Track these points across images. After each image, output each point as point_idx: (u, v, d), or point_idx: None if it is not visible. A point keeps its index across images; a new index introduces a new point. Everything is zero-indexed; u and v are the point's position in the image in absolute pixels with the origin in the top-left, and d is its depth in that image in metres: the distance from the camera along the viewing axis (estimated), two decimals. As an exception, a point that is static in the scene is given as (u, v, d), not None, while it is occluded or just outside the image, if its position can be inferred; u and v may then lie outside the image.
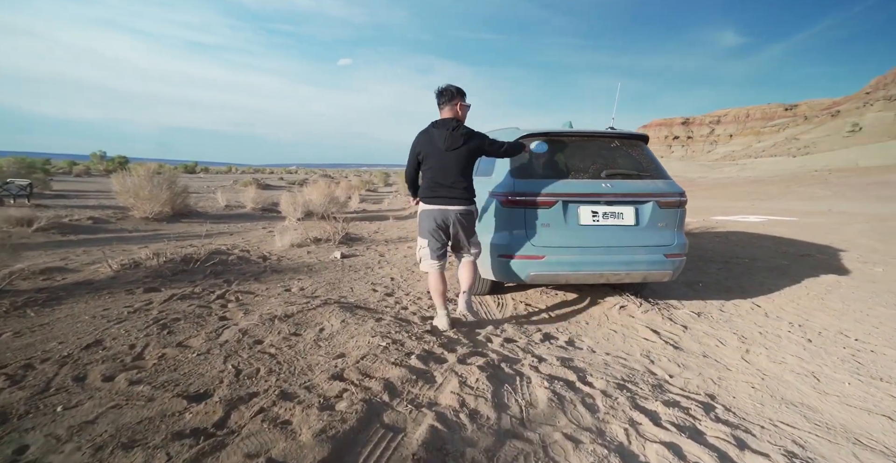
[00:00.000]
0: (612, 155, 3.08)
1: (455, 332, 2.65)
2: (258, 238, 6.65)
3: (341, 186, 15.08)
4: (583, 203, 2.87)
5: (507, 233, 2.96)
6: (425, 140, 2.59)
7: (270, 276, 4.25)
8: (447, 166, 2.53)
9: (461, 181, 2.56)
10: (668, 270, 2.88)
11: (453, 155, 2.52)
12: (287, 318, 2.74)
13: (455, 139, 2.51)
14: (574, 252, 2.84)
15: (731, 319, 3.01)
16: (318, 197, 9.48)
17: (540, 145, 3.12)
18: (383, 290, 3.83)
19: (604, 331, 2.83)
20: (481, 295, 3.68)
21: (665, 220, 2.89)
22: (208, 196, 13.93)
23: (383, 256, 5.53)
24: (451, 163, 2.53)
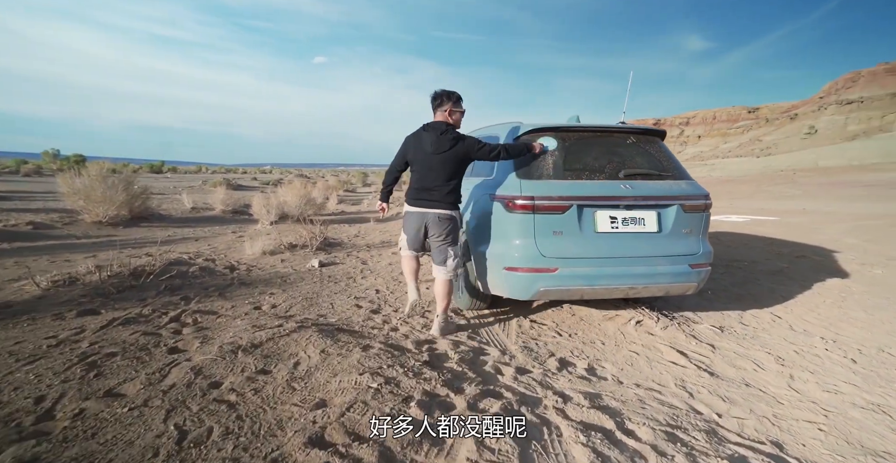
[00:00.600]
0: (628, 153, 2.75)
1: (459, 361, 2.24)
2: (226, 244, 6.05)
3: (318, 187, 14.42)
4: (600, 207, 2.52)
5: (512, 242, 2.58)
6: (414, 142, 2.60)
7: (238, 290, 3.73)
8: (432, 170, 2.54)
9: (444, 186, 2.55)
10: (693, 283, 2.58)
11: (439, 159, 2.51)
12: (254, 348, 2.27)
13: (442, 143, 2.50)
14: (590, 263, 2.49)
15: (756, 335, 2.74)
16: (294, 198, 8.88)
17: (548, 142, 2.75)
18: (368, 305, 3.38)
19: (624, 353, 2.49)
20: (480, 310, 3.29)
21: (690, 226, 2.58)
22: (174, 197, 13.02)
23: (366, 263, 5.06)
24: (437, 166, 2.53)
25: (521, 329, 2.92)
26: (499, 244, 2.69)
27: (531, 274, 2.52)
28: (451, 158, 2.51)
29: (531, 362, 2.32)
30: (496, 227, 2.73)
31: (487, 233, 2.83)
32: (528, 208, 2.53)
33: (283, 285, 3.97)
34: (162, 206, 9.92)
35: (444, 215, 2.59)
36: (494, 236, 2.74)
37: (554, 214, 2.52)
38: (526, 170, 2.68)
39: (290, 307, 3.29)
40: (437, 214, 2.58)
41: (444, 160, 2.51)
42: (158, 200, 11.08)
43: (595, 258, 2.50)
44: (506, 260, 2.61)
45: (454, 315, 3.15)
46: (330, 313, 3.18)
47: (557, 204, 2.50)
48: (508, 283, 2.62)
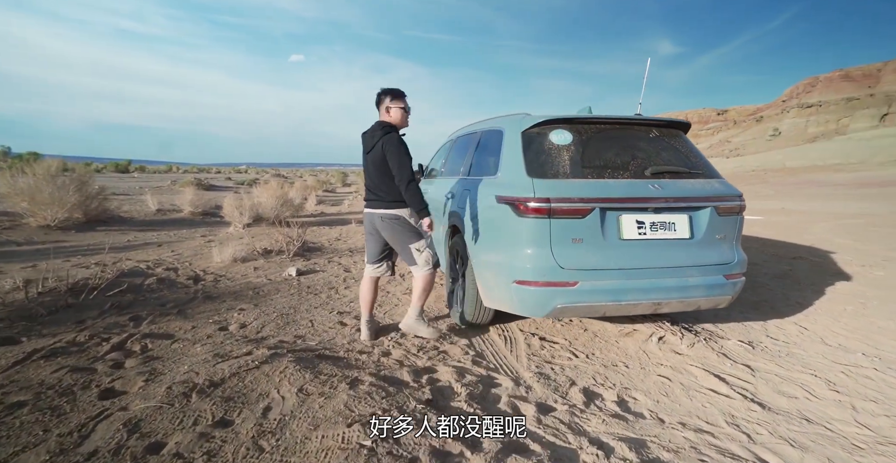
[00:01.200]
0: (653, 148, 2.43)
1: (468, 398, 1.86)
2: (193, 250, 5.48)
3: (296, 187, 13.76)
4: (626, 211, 2.18)
5: (523, 251, 2.22)
6: (362, 142, 2.61)
7: (201, 306, 3.23)
8: (369, 169, 2.55)
9: (380, 185, 2.51)
10: (728, 295, 2.28)
11: (369, 158, 2.51)
12: (214, 387, 1.82)
13: (368, 143, 2.52)
14: (615, 276, 2.15)
15: (791, 352, 2.47)
16: (269, 199, 8.29)
17: (562, 135, 2.40)
18: (354, 322, 2.96)
19: (654, 379, 2.16)
20: (482, 324, 2.92)
21: (724, 231, 2.28)
22: (138, 199, 12.13)
23: (349, 270, 4.62)
24: (370, 166, 2.53)
25: (530, 349, 2.56)
26: (507, 253, 2.33)
27: (547, 289, 2.16)
28: (377, 157, 2.47)
29: (552, 395, 1.96)
30: (503, 233, 2.36)
31: (492, 240, 2.46)
32: (542, 212, 2.17)
33: (255, 299, 3.49)
34: (122, 208, 9.13)
35: (386, 215, 2.51)
36: (501, 244, 2.38)
37: (573, 219, 2.16)
38: (538, 167, 2.32)
39: (262, 327, 2.83)
40: (380, 215, 2.53)
41: (373, 160, 2.49)
42: (120, 202, 10.25)
43: (620, 270, 2.16)
44: (515, 272, 2.25)
45: (436, 322, 2.77)
46: (310, 334, 2.73)
47: (577, 207, 2.15)
48: (519, 298, 2.26)
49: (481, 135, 3.22)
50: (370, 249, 2.69)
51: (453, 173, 3.60)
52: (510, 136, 2.61)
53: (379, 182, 2.50)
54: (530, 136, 2.47)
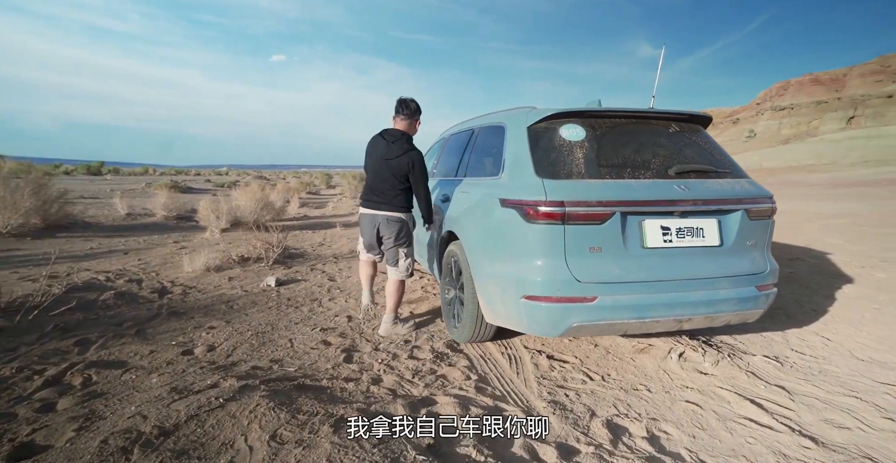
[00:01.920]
0: (674, 144, 2.18)
1: (476, 441, 1.56)
2: (162, 258, 5.03)
3: (278, 189, 13.25)
4: (649, 215, 1.93)
5: (533, 262, 1.95)
6: (371, 146, 2.69)
7: (165, 324, 2.85)
8: (381, 174, 2.62)
9: (392, 190, 2.62)
10: (761, 309, 2.05)
11: (387, 165, 2.59)
12: (165, 436, 1.48)
13: (392, 150, 2.59)
14: (638, 290, 1.89)
15: (824, 369, 2.25)
16: (248, 202, 7.84)
17: (574, 130, 2.14)
18: (339, 342, 2.63)
19: (682, 407, 1.90)
20: (482, 342, 2.63)
21: (755, 237, 2.05)
22: (108, 202, 11.46)
23: (333, 279, 4.27)
24: (385, 172, 2.61)
25: (538, 370, 2.28)
26: (513, 264, 2.04)
27: (561, 305, 1.89)
28: (397, 166, 2.57)
29: (572, 432, 1.68)
30: (509, 241, 2.08)
31: (496, 249, 2.17)
32: (555, 217, 1.89)
33: (228, 314, 3.12)
34: (88, 212, 8.54)
35: (392, 217, 2.65)
36: (507, 254, 2.09)
37: (591, 225, 1.90)
38: (549, 166, 2.04)
39: (233, 349, 2.47)
40: (386, 216, 2.65)
41: (392, 167, 2.58)
42: (86, 206, 9.63)
43: (644, 283, 1.90)
44: (524, 286, 1.97)
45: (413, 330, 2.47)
46: (288, 356, 2.40)
47: (596, 211, 1.88)
48: (529, 316, 1.97)
49: (478, 132, 2.94)
50: (367, 242, 2.84)
51: (447, 174, 3.31)
52: (514, 132, 2.33)
53: (390, 187, 2.62)
54: (537, 132, 2.20)
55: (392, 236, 2.66)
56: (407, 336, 2.72)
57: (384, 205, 2.63)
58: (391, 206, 2.63)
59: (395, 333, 2.74)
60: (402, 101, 2.66)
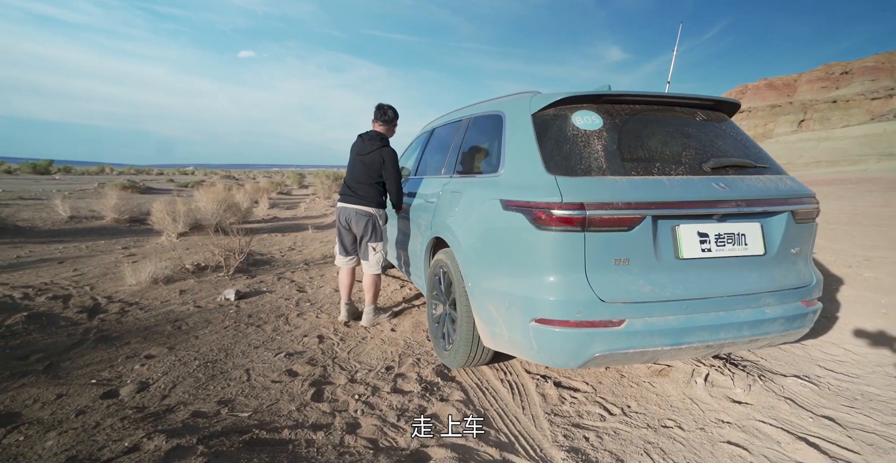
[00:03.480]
0: (704, 134, 1.87)
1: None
2: (103, 268, 4.39)
3: (246, 189, 12.45)
4: (684, 219, 1.60)
5: (544, 277, 1.59)
6: (354, 144, 2.84)
7: (89, 354, 2.32)
8: (356, 169, 2.77)
9: (363, 184, 2.75)
10: (807, 327, 1.76)
11: (360, 160, 2.75)
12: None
13: (365, 147, 2.74)
14: (674, 310, 1.56)
15: (865, 392, 2.00)
16: (210, 203, 7.17)
17: (589, 118, 1.79)
18: (308, 371, 2.19)
19: (726, 450, 1.59)
20: (478, 366, 2.26)
21: (799, 243, 1.76)
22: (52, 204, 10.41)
23: (303, 289, 3.79)
24: (360, 167, 2.76)
25: (547, 402, 1.92)
26: (520, 280, 1.68)
27: (581, 331, 1.53)
28: (370, 161, 2.73)
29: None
30: (514, 251, 1.71)
31: (497, 260, 1.80)
32: (574, 222, 1.54)
33: (172, 338, 2.61)
34: (21, 215, 7.62)
35: (361, 211, 2.75)
36: (511, 266, 1.72)
37: (616, 232, 1.55)
38: (562, 160, 1.68)
39: (171, 387, 1.99)
40: (356, 210, 2.75)
41: (365, 162, 2.73)
42: (20, 208, 8.64)
43: (680, 301, 1.57)
44: (534, 307, 1.61)
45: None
46: (242, 395, 1.94)
47: (623, 215, 1.53)
48: (541, 344, 1.61)
49: (469, 123, 2.56)
50: (342, 244, 2.89)
51: (432, 172, 2.92)
52: (516, 121, 1.97)
53: (363, 182, 2.75)
54: (545, 121, 1.84)
55: (360, 229, 2.77)
56: (386, 320, 2.95)
57: (355, 198, 2.75)
58: (362, 201, 2.74)
59: (378, 322, 2.93)
60: (380, 107, 2.80)
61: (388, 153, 2.75)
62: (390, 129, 2.85)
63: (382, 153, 2.72)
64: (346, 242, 2.88)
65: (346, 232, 2.84)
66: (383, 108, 2.79)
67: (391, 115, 2.81)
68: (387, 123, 2.81)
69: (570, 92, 1.83)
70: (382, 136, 2.79)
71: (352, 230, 2.81)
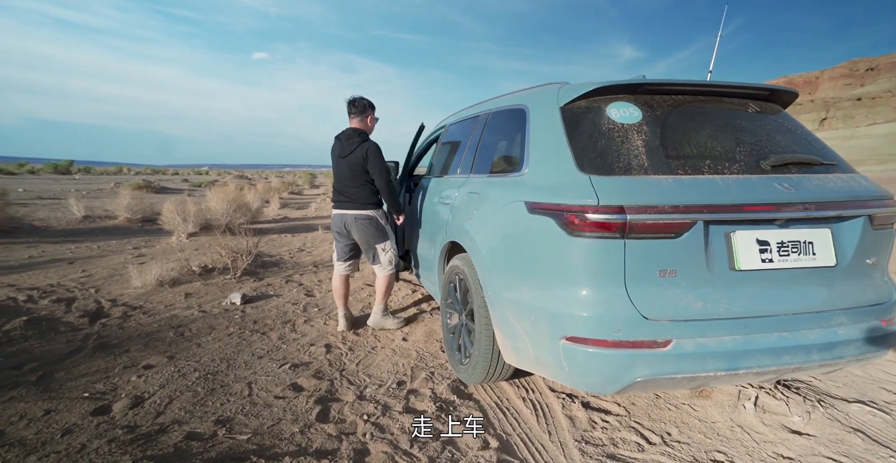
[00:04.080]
0: (759, 128, 1.65)
1: None
2: (111, 269, 4.32)
3: (258, 189, 12.47)
4: (741, 225, 1.39)
5: (577, 291, 1.40)
6: (332, 148, 2.69)
7: (85, 363, 2.20)
8: (341, 172, 2.63)
9: (353, 187, 2.60)
10: (886, 351, 1.53)
11: (345, 162, 2.60)
12: None
13: (345, 147, 2.59)
14: (730, 329, 1.35)
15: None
16: (220, 203, 7.12)
17: (627, 110, 1.59)
18: (314, 386, 2.03)
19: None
20: (497, 381, 2.07)
21: (876, 253, 1.53)
22: (68, 203, 10.53)
23: (311, 293, 3.65)
24: (345, 169, 2.61)
25: (576, 428, 1.72)
26: (548, 292, 1.49)
27: (621, 353, 1.33)
28: (354, 161, 2.57)
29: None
30: (542, 260, 1.52)
31: (521, 269, 1.61)
32: (611, 228, 1.34)
33: (173, 346, 2.48)
34: (37, 214, 7.68)
35: (360, 215, 2.62)
36: (538, 276, 1.53)
37: (662, 239, 1.35)
38: (597, 158, 1.49)
39: (167, 403, 1.85)
40: (353, 215, 2.62)
41: (350, 163, 2.58)
42: (36, 207, 8.73)
43: (737, 319, 1.36)
44: (565, 323, 1.41)
45: (460, 403, 1.89)
46: (242, 413, 1.78)
47: (670, 220, 1.33)
48: (573, 365, 1.42)
49: (488, 119, 2.38)
50: (340, 250, 2.78)
51: (447, 172, 2.74)
52: (542, 114, 1.77)
53: (352, 184, 2.59)
54: (576, 114, 1.65)
55: (362, 235, 2.64)
56: (392, 327, 2.78)
57: (349, 203, 2.62)
58: (357, 205, 2.62)
59: (384, 326, 2.80)
60: (350, 100, 2.66)
61: (370, 148, 2.55)
62: (364, 121, 2.65)
63: (365, 149, 2.54)
64: (343, 249, 2.76)
65: (343, 238, 2.71)
66: (353, 100, 2.63)
67: (361, 104, 2.62)
68: (359, 114, 2.62)
69: (604, 81, 1.63)
70: (360, 131, 2.61)
71: (351, 236, 2.69)
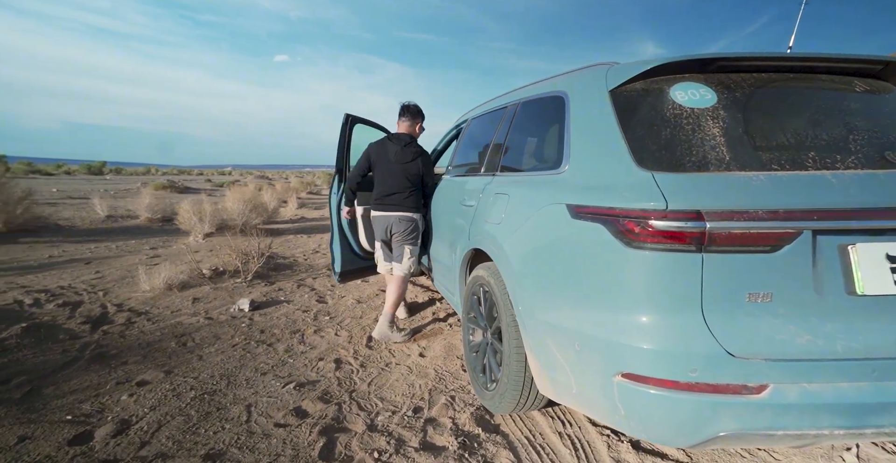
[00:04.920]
0: (873, 111, 1.31)
1: None
2: (124, 271, 4.24)
3: (276, 189, 12.50)
4: (863, 235, 1.07)
5: (641, 317, 1.11)
6: (380, 150, 2.69)
7: (78, 378, 2.03)
8: (394, 176, 2.65)
9: (404, 192, 2.66)
10: None
11: (400, 168, 2.65)
12: None
13: (406, 154, 2.66)
14: (852, 373, 1.03)
15: None
16: (235, 203, 7.05)
17: (697, 91, 1.29)
18: (319, 412, 1.80)
19: None
20: (529, 411, 1.80)
21: None
22: (92, 203, 10.76)
23: (323, 300, 3.45)
24: (399, 174, 2.65)
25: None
26: (597, 315, 1.20)
27: (699, 399, 1.04)
28: (413, 169, 2.66)
29: None
30: (588, 276, 1.23)
31: (562, 285, 1.33)
32: (685, 239, 1.05)
33: (174, 358, 2.30)
34: (62, 214, 7.80)
35: (404, 217, 2.66)
36: (584, 296, 1.25)
37: (754, 254, 1.04)
38: (661, 151, 1.19)
39: (155, 429, 1.64)
40: (398, 216, 2.66)
41: (407, 170, 2.64)
42: (65, 207, 8.91)
43: (863, 360, 1.04)
44: (621, 356, 1.13)
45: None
46: (234, 448, 1.56)
47: (765, 228, 1.03)
48: (631, 409, 1.13)
49: (517, 110, 2.09)
50: (385, 253, 2.82)
51: (469, 171, 2.48)
52: (587, 101, 1.48)
53: (403, 190, 2.65)
54: (630, 98, 1.36)
55: (400, 231, 2.68)
56: (399, 341, 2.63)
57: (396, 206, 2.65)
58: (403, 208, 2.66)
59: (390, 339, 2.64)
60: (405, 105, 2.76)
61: (427, 159, 2.75)
62: (415, 127, 2.78)
63: (424, 160, 2.71)
64: (388, 252, 2.82)
65: (387, 242, 2.78)
66: (408, 106, 2.76)
67: (415, 110, 2.76)
68: (411, 119, 2.75)
69: (667, 58, 1.32)
70: (414, 139, 2.76)
71: (392, 234, 2.72)
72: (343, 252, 3.05)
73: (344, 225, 3.06)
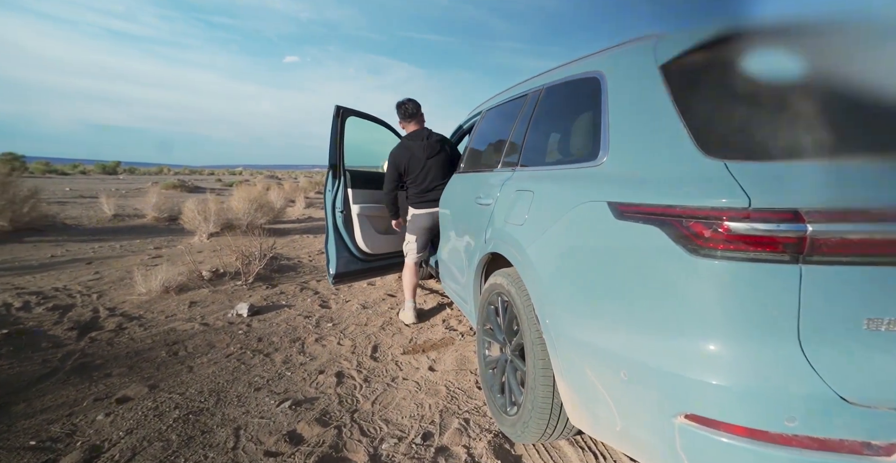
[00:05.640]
0: None
1: None
2: (125, 271, 4.09)
3: (285, 188, 12.41)
4: None
5: (708, 344, 0.86)
6: (406, 154, 2.66)
7: (54, 392, 1.85)
8: (432, 172, 2.66)
9: (442, 185, 2.66)
10: None
11: (433, 162, 2.66)
12: None
13: (432, 147, 2.67)
14: None
15: None
16: (242, 203, 6.91)
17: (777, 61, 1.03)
18: (315, 438, 1.58)
19: None
20: (556, 440, 1.55)
21: None
22: (99, 202, 10.76)
23: (326, 304, 3.24)
24: (435, 168, 2.66)
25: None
26: (651, 339, 0.96)
27: (799, 457, 0.79)
28: (444, 160, 2.69)
29: None
30: (639, 290, 0.99)
31: (602, 298, 1.09)
32: (777, 246, 0.80)
33: (161, 370, 2.10)
34: (68, 213, 7.75)
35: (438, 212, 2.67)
36: (633, 314, 1.01)
37: (874, 266, 0.79)
38: (736, 133, 0.95)
39: (129, 457, 1.44)
40: (439, 212, 2.66)
41: (440, 161, 2.67)
42: (74, 206, 8.89)
43: None
44: (685, 393, 0.88)
45: None
46: (216, 480, 1.35)
47: (890, 234, 0.77)
48: (697, 459, 0.88)
49: (540, 96, 1.84)
50: (422, 242, 2.81)
51: (484, 166, 2.24)
52: (629, 79, 1.24)
53: (441, 182, 2.67)
54: (686, 73, 1.11)
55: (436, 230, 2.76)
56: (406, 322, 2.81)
57: (436, 202, 2.69)
58: (437, 203, 2.70)
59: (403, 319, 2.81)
60: (417, 104, 2.73)
61: (450, 142, 2.82)
62: (422, 122, 2.79)
63: (449, 144, 2.77)
64: (426, 243, 2.86)
65: (429, 234, 2.83)
66: (404, 104, 2.72)
67: (413, 109, 2.73)
68: (421, 116, 2.77)
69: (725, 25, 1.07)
70: (428, 129, 2.78)
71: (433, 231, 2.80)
72: (339, 253, 2.84)
73: (340, 225, 2.85)
